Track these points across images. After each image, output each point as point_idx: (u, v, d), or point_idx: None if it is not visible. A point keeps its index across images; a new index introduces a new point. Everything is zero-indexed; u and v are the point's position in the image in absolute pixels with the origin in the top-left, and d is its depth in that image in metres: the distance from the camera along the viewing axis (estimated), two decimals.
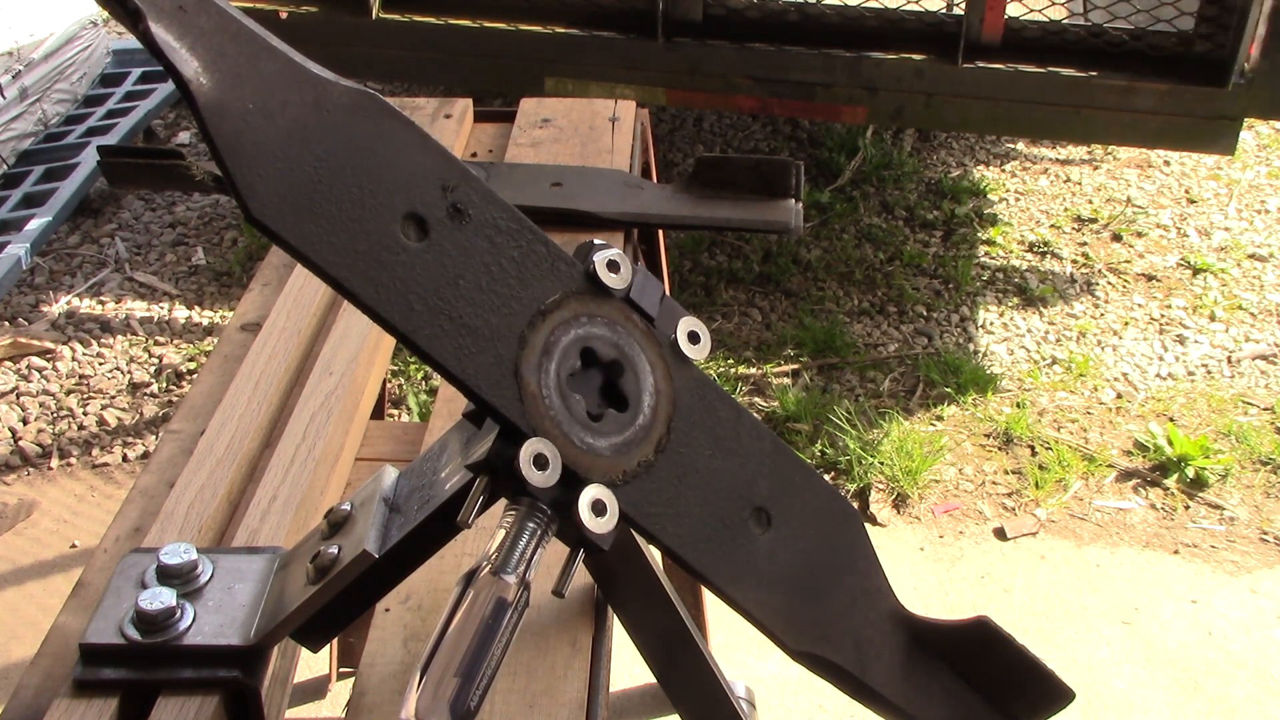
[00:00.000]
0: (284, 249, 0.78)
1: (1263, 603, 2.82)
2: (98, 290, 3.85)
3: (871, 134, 4.47)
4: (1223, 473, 3.14)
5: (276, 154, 0.77)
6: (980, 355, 3.56)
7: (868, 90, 3.32)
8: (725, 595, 0.93)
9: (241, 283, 3.82)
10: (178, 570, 1.00)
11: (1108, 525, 3.03)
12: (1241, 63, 3.03)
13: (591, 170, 1.79)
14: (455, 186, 0.83)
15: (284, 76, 0.78)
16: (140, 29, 0.73)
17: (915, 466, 3.10)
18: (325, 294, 1.54)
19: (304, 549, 0.99)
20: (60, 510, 3.08)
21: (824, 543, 0.98)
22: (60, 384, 3.47)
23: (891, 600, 1.02)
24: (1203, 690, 2.61)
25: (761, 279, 3.87)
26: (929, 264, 3.93)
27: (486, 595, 0.80)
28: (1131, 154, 4.57)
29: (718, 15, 3.33)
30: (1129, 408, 3.37)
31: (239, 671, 0.96)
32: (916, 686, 1.03)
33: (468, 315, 0.83)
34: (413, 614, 1.14)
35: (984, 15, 3.15)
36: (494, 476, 0.83)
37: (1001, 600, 2.83)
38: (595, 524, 0.83)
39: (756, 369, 3.49)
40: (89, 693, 0.96)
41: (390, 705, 1.05)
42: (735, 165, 1.73)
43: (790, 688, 2.58)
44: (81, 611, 1.10)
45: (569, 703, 1.05)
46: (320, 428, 1.31)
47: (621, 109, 2.01)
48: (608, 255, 0.89)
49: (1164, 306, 3.78)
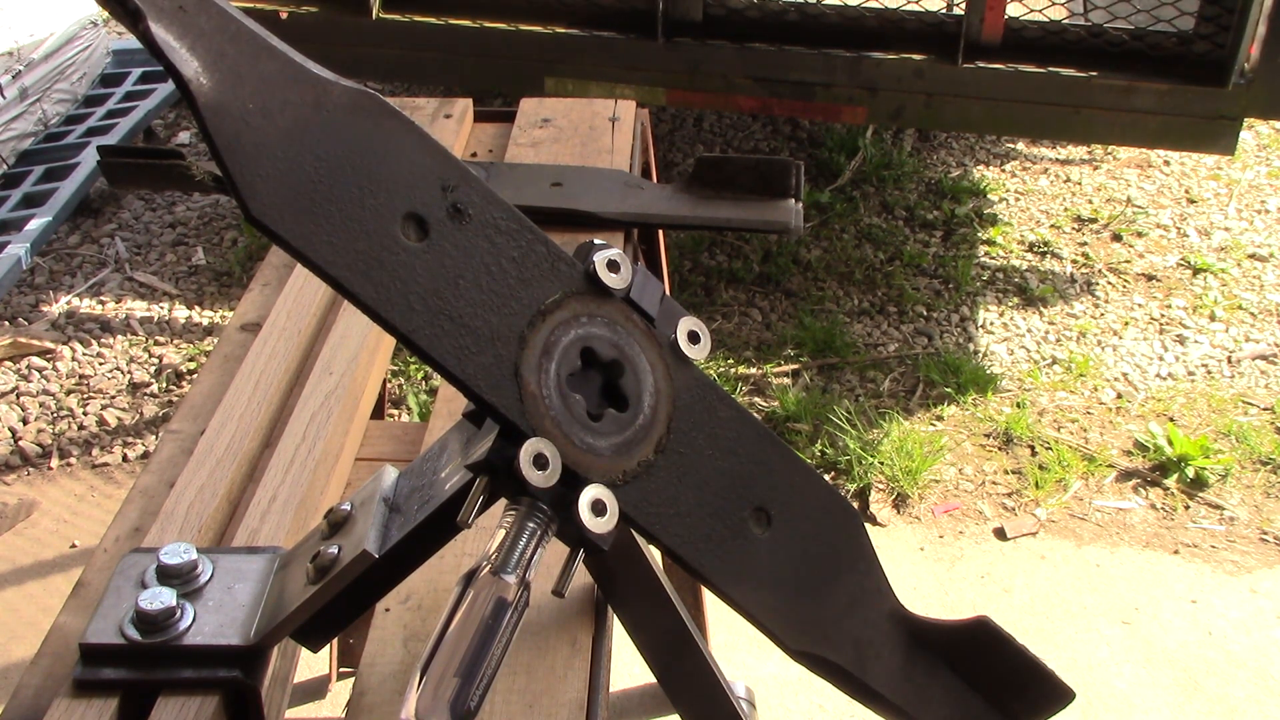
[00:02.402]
0: (284, 249, 0.78)
1: (1263, 603, 2.82)
2: (98, 290, 3.85)
3: (871, 134, 4.47)
4: (1223, 473, 3.14)
5: (276, 154, 0.77)
6: (980, 355, 3.56)
7: (868, 90, 3.32)
8: (725, 595, 0.93)
9: (241, 283, 3.82)
10: (178, 570, 1.00)
11: (1108, 525, 3.03)
12: (1241, 63, 3.03)
13: (591, 170, 1.79)
14: (455, 186, 0.83)
15: (284, 76, 0.78)
16: (140, 29, 0.73)
17: (915, 466, 3.10)
18: (325, 294, 1.54)
19: (304, 549, 0.99)
20: (60, 510, 3.08)
21: (824, 543, 0.98)
22: (60, 384, 3.47)
23: (891, 600, 1.02)
24: (1203, 690, 2.61)
25: (761, 279, 3.87)
26: (929, 264, 3.93)
27: (486, 595, 0.80)
28: (1131, 154, 4.57)
29: (718, 15, 3.33)
30: (1129, 408, 3.37)
31: (239, 671, 0.96)
32: (916, 686, 1.03)
33: (468, 315, 0.83)
34: (413, 614, 1.14)
35: (984, 15, 3.15)
36: (494, 476, 0.83)
37: (1001, 600, 2.83)
38: (595, 524, 0.83)
39: (756, 369, 3.49)
40: (89, 693, 0.96)
41: (390, 705, 1.05)
42: (735, 165, 1.72)
43: (790, 688, 2.58)
44: (81, 611, 1.10)
45: (569, 703, 1.05)
46: (320, 428, 1.31)
47: (621, 109, 2.01)
48: (608, 255, 0.89)
49: (1164, 306, 3.78)
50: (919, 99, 3.30)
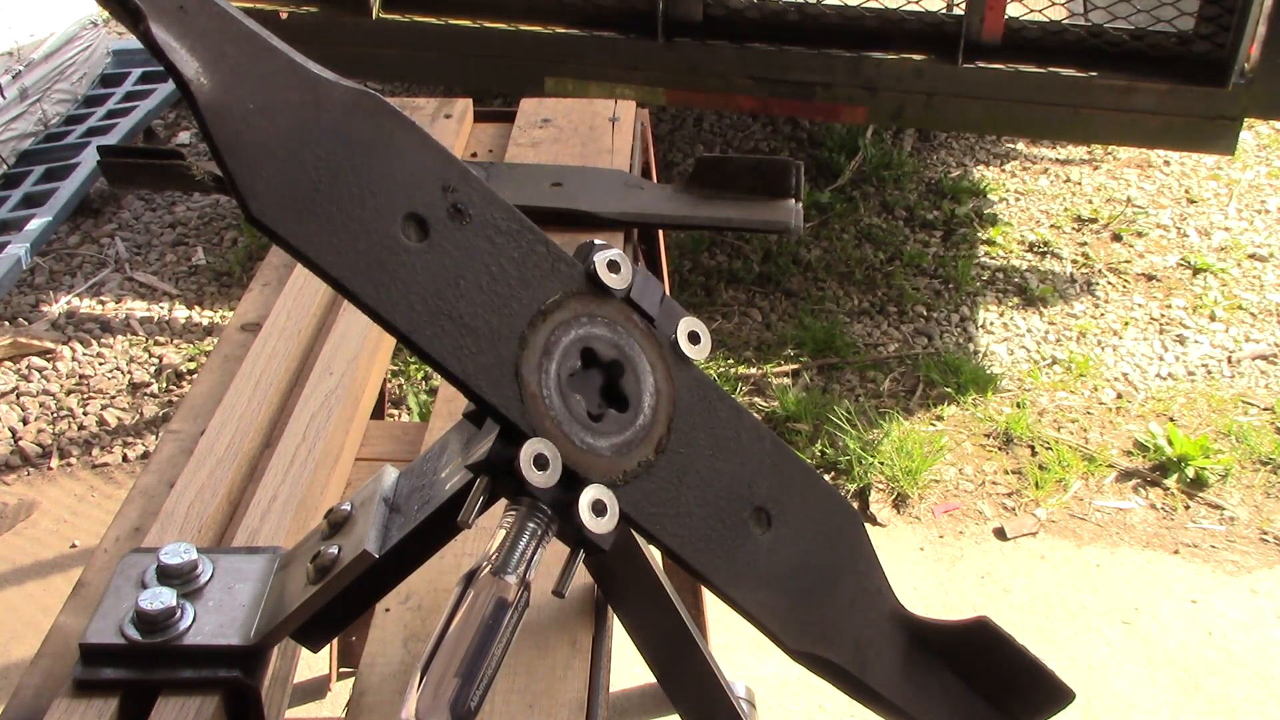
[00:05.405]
0: (284, 249, 0.78)
1: (1263, 603, 2.82)
2: (98, 290, 3.85)
3: (871, 134, 4.47)
4: (1223, 473, 3.14)
5: (277, 154, 0.77)
6: (980, 355, 3.56)
7: (868, 90, 3.32)
8: (725, 595, 0.93)
9: (241, 283, 3.82)
10: (178, 570, 1.00)
11: (1108, 525, 3.03)
12: (1241, 63, 3.03)
13: (591, 170, 1.79)
14: (455, 186, 0.83)
15: (284, 76, 0.78)
16: (141, 29, 0.73)
17: (915, 466, 3.10)
18: (325, 294, 1.54)
19: (304, 549, 0.99)
20: (60, 510, 3.08)
21: (824, 543, 0.98)
22: (60, 384, 3.47)
23: (891, 600, 1.02)
24: (1203, 690, 2.61)
25: (761, 279, 3.87)
26: (929, 264, 3.93)
27: (487, 595, 0.80)
28: (1131, 154, 4.57)
29: (718, 15, 3.33)
30: (1129, 408, 3.37)
31: (239, 671, 0.96)
32: (916, 686, 1.03)
33: (468, 315, 0.83)
34: (413, 614, 1.14)
35: (984, 15, 3.15)
36: (494, 477, 0.83)
37: (1001, 600, 2.83)
38: (595, 524, 0.83)
39: (756, 369, 3.49)
40: (89, 693, 0.96)
41: (390, 705, 1.05)
42: (735, 165, 1.72)
43: (790, 688, 2.58)
44: (81, 611, 1.10)
45: (569, 703, 1.05)
46: (320, 428, 1.31)
47: (621, 109, 2.01)
48: (608, 255, 0.89)
49: (1164, 306, 3.78)
50: (919, 99, 3.30)
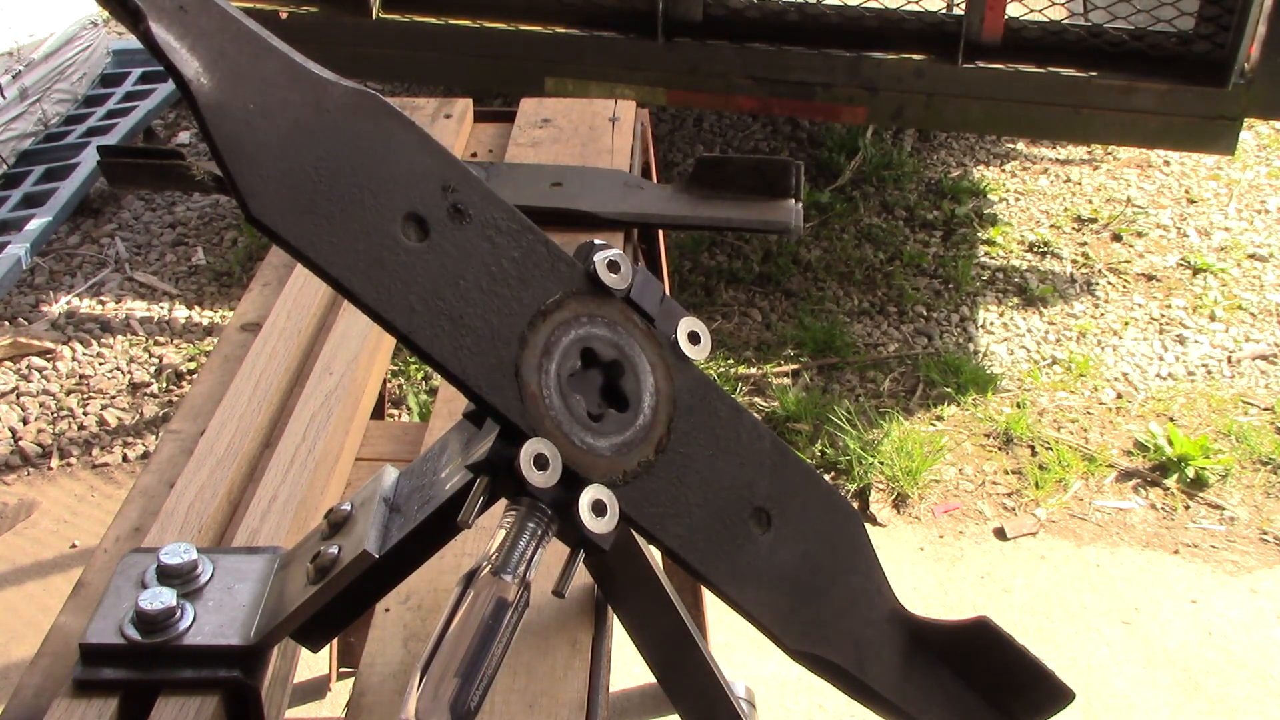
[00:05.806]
0: (284, 249, 0.78)
1: (1263, 603, 2.82)
2: (98, 290, 3.85)
3: (871, 134, 4.47)
4: (1223, 473, 3.14)
5: (276, 154, 0.77)
6: (980, 355, 3.56)
7: (868, 90, 3.32)
8: (725, 595, 0.93)
9: (241, 283, 3.82)
10: (178, 570, 1.00)
11: (1108, 525, 3.03)
12: (1241, 63, 3.03)
13: (591, 170, 1.79)
14: (455, 187, 0.83)
15: (284, 76, 0.78)
16: (141, 29, 0.73)
17: (915, 466, 3.10)
18: (325, 294, 1.54)
19: (304, 549, 0.99)
20: (60, 510, 3.08)
21: (824, 543, 0.98)
22: (60, 384, 3.47)
23: (891, 600, 1.02)
24: (1203, 690, 2.61)
25: (761, 279, 3.87)
26: (929, 264, 3.93)
27: (486, 595, 0.80)
28: (1131, 154, 4.57)
29: (718, 15, 3.32)
30: (1129, 408, 3.37)
31: (239, 671, 0.96)
32: (916, 686, 1.02)
33: (468, 315, 0.83)
34: (413, 614, 1.14)
35: (984, 15, 3.15)
36: (494, 477, 0.83)
37: (1001, 600, 2.82)
38: (595, 524, 0.83)
39: (756, 369, 3.49)
40: (89, 693, 0.96)
41: (390, 705, 1.05)
42: (735, 165, 1.72)
43: (790, 688, 2.58)
44: (81, 611, 1.10)
45: (569, 703, 1.05)
46: (320, 428, 1.31)
47: (621, 109, 2.01)
48: (608, 255, 0.89)
49: (1164, 306, 3.78)
50: (919, 99, 3.30)
